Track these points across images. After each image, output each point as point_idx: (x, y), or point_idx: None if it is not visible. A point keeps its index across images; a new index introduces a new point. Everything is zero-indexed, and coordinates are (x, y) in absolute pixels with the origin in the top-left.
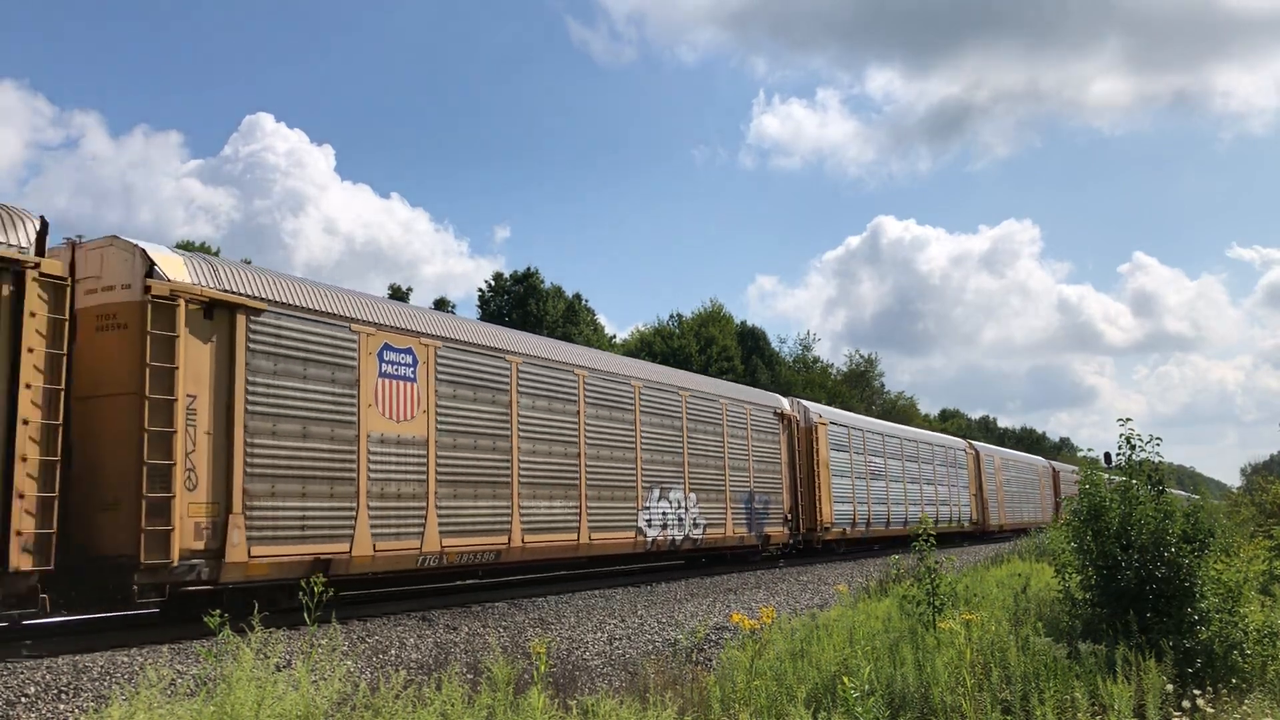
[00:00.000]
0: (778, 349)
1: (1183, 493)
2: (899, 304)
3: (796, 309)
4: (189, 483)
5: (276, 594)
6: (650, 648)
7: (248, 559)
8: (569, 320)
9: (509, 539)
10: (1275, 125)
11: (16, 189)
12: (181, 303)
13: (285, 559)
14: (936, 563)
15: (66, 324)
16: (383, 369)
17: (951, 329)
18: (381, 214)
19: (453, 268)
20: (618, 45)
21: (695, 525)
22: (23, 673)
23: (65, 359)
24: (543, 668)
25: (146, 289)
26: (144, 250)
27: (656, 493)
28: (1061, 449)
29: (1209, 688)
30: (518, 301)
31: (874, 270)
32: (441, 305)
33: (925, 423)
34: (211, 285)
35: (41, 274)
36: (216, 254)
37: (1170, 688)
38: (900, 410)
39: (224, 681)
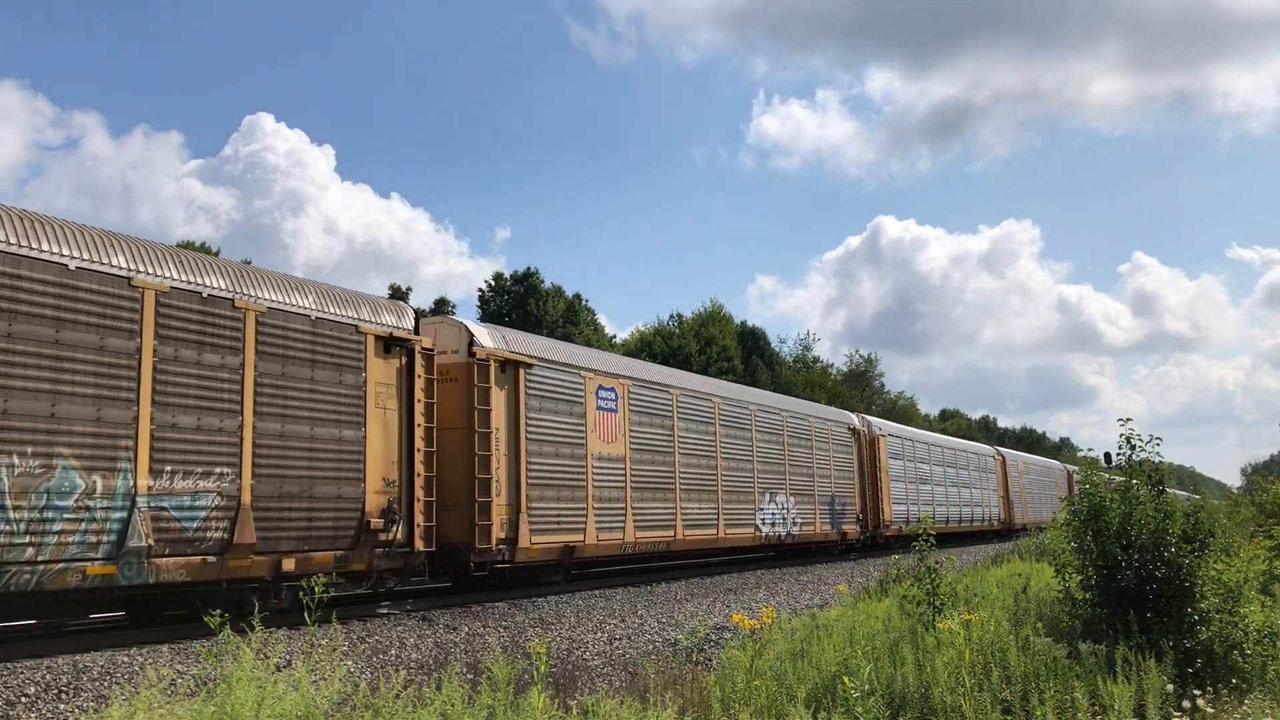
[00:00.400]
0: (778, 349)
1: (1183, 493)
2: (899, 304)
3: (796, 309)
4: (496, 490)
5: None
6: (650, 648)
7: (530, 545)
8: (569, 320)
9: (674, 533)
10: (1274, 126)
11: (17, 189)
12: (491, 362)
13: (549, 545)
14: (936, 563)
15: (435, 381)
16: (598, 404)
17: (951, 329)
18: (382, 214)
19: (453, 268)
20: (617, 46)
21: (794, 523)
22: (23, 673)
23: (434, 405)
24: (543, 668)
25: (471, 354)
26: (467, 326)
27: (767, 496)
28: (1062, 449)
29: (1209, 688)
30: (518, 301)
31: (874, 270)
32: (441, 305)
33: (925, 423)
34: (503, 348)
35: (422, 348)
36: (217, 253)
37: (1170, 688)
38: (900, 410)
39: (224, 681)
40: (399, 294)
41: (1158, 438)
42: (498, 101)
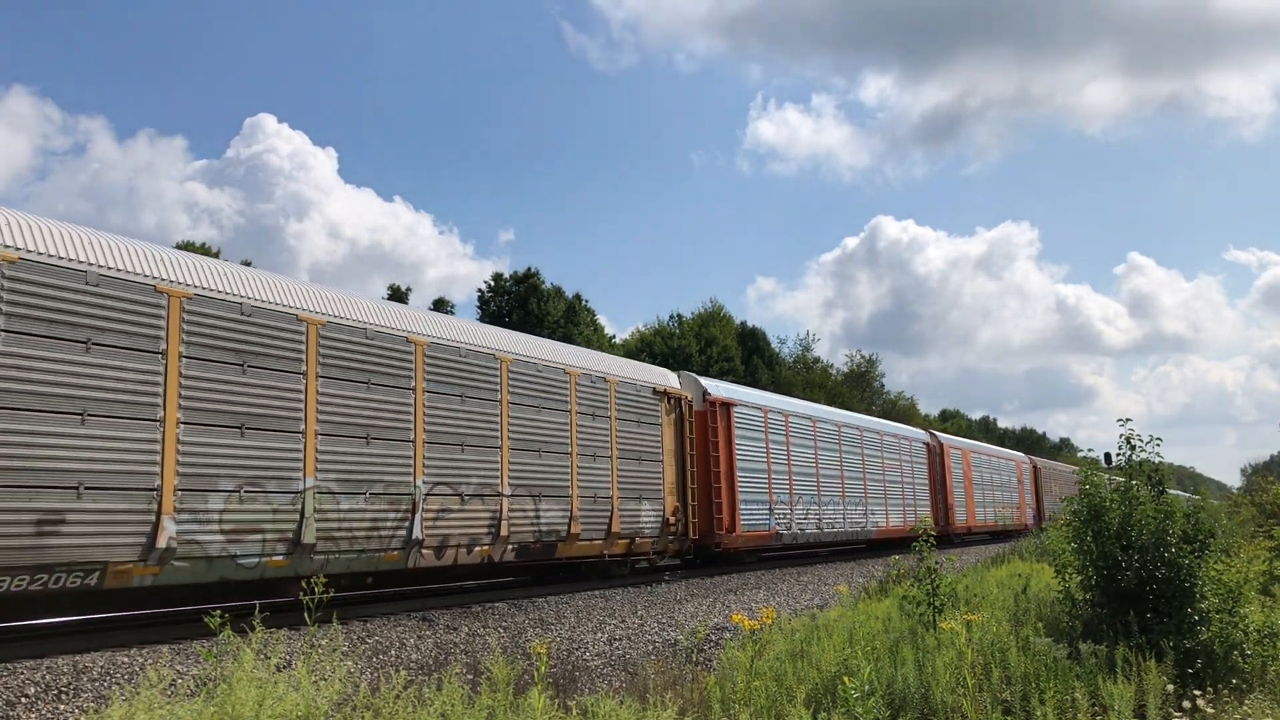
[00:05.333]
0: (778, 349)
1: (1183, 493)
2: (896, 306)
3: (795, 310)
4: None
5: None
6: (650, 648)
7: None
8: (569, 320)
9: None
10: (1267, 132)
11: (21, 190)
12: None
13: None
14: (936, 563)
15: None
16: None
17: (948, 330)
18: (385, 217)
19: (458, 269)
20: (615, 52)
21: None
22: (23, 673)
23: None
24: (543, 668)
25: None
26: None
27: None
28: (1061, 449)
29: (1209, 688)
30: (518, 302)
31: (871, 273)
32: (440, 306)
33: (926, 423)
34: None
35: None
36: (217, 254)
37: (1170, 688)
38: (900, 411)
39: (224, 682)
40: (398, 295)
41: (1158, 438)
42: (498, 105)
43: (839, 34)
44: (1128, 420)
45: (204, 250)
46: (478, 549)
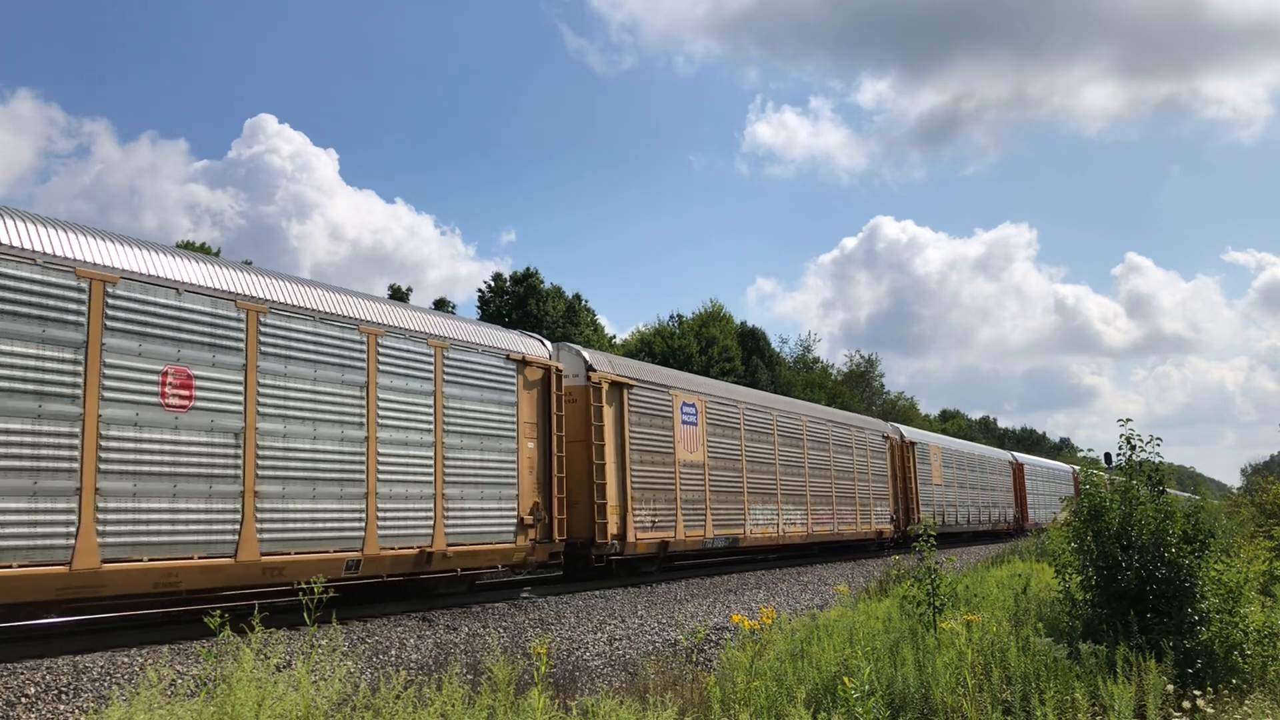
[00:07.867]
0: (778, 350)
1: (1183, 493)
2: (895, 306)
3: (795, 311)
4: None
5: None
6: (650, 648)
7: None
8: (569, 320)
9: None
10: (1264, 133)
11: (23, 191)
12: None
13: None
14: (936, 564)
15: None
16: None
17: (948, 331)
18: (387, 219)
19: (459, 270)
20: (613, 55)
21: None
22: (23, 673)
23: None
24: (543, 668)
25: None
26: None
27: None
28: (1062, 449)
29: (1209, 688)
30: (518, 302)
31: (870, 273)
32: (441, 306)
33: (926, 423)
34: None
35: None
36: (217, 254)
37: (1170, 688)
38: (900, 411)
39: (224, 682)
40: (399, 295)
41: (1158, 438)
42: (498, 107)
43: (836, 37)
44: (1128, 420)
45: (203, 249)
46: None
